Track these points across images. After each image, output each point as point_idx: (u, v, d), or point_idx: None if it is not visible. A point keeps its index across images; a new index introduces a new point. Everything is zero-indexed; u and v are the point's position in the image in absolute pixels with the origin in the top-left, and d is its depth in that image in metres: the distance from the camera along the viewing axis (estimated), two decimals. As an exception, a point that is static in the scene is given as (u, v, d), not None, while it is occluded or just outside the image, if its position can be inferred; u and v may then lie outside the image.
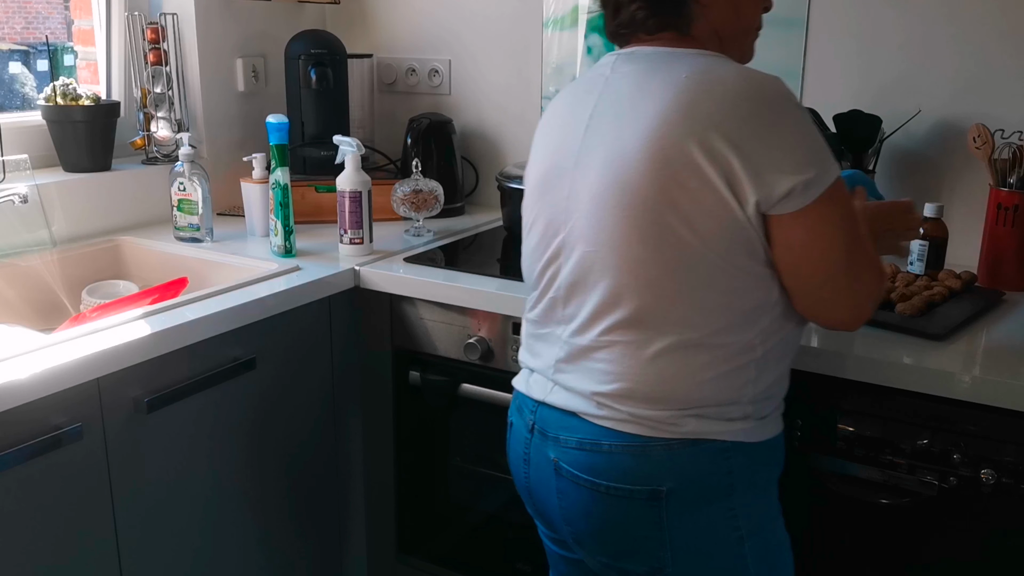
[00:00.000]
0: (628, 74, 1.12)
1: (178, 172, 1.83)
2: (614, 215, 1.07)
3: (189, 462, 1.46)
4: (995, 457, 1.20)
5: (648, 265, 1.06)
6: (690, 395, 1.08)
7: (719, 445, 1.09)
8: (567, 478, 1.15)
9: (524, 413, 1.23)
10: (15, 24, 2.49)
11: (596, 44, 2.01)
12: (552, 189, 1.16)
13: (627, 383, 1.09)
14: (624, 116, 1.08)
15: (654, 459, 1.09)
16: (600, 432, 1.11)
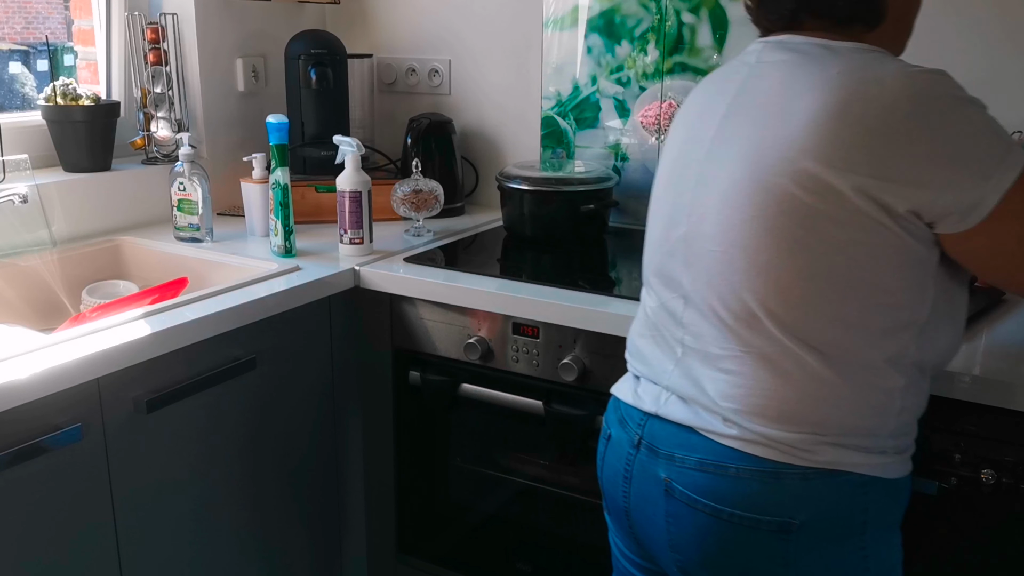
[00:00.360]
0: (775, 66, 1.04)
1: (178, 172, 1.83)
2: (746, 215, 0.99)
3: (189, 462, 1.46)
4: (995, 457, 1.20)
5: (780, 270, 0.98)
6: (829, 419, 0.99)
7: (858, 479, 1.00)
8: (681, 501, 1.05)
9: (629, 426, 1.13)
10: (15, 24, 2.49)
11: (596, 44, 2.01)
12: (679, 179, 1.10)
13: (759, 399, 1.00)
14: (767, 112, 1.01)
15: (787, 488, 1.00)
16: (725, 453, 1.01)
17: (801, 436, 0.99)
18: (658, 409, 1.09)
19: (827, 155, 0.94)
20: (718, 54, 1.89)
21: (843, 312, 0.98)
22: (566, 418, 1.53)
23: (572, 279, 1.60)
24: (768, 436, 1.00)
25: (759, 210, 0.98)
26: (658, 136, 1.99)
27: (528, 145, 2.15)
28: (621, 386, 1.19)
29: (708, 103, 1.10)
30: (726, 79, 1.10)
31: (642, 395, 1.12)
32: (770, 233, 0.98)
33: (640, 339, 1.16)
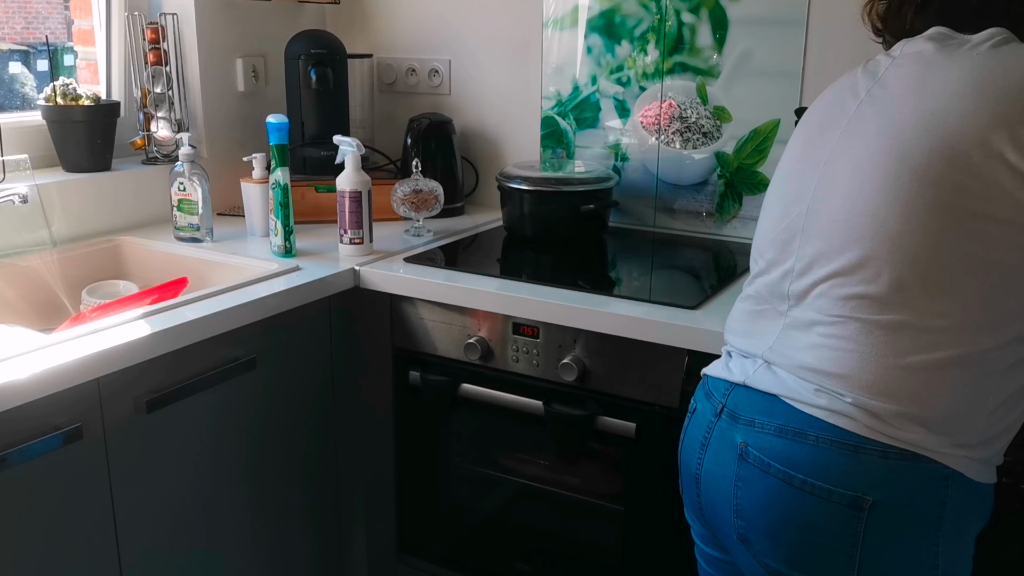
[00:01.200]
0: (914, 56, 1.06)
1: (178, 172, 1.83)
2: (878, 184, 1.00)
3: (189, 462, 1.46)
4: (995, 457, 1.20)
5: (909, 239, 0.97)
6: (921, 394, 0.97)
7: (940, 470, 0.98)
8: (754, 465, 1.05)
9: (714, 397, 1.14)
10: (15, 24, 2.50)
11: (596, 44, 2.01)
12: (808, 160, 1.11)
13: (857, 366, 0.99)
14: (906, 91, 1.03)
15: (864, 463, 0.98)
16: (808, 420, 1.01)
17: (890, 409, 0.97)
18: (746, 378, 1.09)
19: (967, 126, 0.95)
20: (718, 54, 1.89)
21: (966, 289, 0.96)
22: (566, 418, 1.53)
23: (572, 279, 1.60)
24: (856, 406, 0.98)
25: (893, 179, 0.99)
26: (658, 136, 1.99)
27: (528, 145, 2.15)
28: (712, 366, 1.19)
29: (843, 93, 1.12)
30: (863, 74, 1.12)
31: (732, 368, 1.13)
32: (903, 202, 0.97)
33: (741, 316, 1.17)
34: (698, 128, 1.95)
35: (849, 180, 1.04)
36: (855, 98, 1.10)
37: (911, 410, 0.97)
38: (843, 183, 1.04)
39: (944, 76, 1.01)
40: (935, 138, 0.97)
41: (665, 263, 1.86)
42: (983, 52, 1.01)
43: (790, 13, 1.81)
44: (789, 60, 1.83)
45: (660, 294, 1.56)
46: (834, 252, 1.03)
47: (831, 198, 1.05)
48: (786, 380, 1.05)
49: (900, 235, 0.98)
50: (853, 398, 0.99)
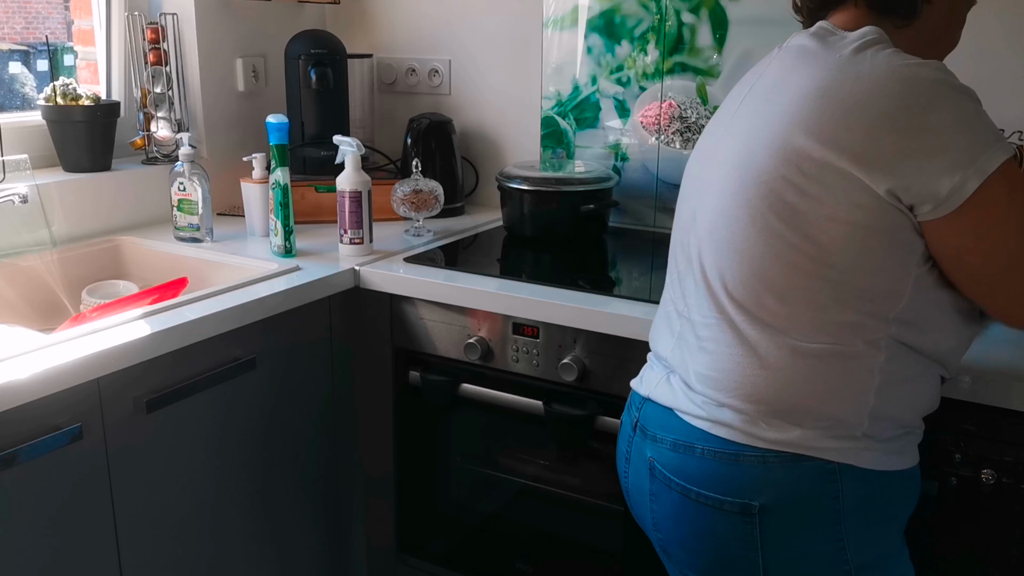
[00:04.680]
0: (790, 50, 1.08)
1: (178, 172, 1.83)
2: (733, 188, 1.03)
3: (189, 462, 1.46)
4: (995, 457, 1.20)
5: (754, 247, 1.00)
6: (794, 401, 0.99)
7: (824, 465, 0.98)
8: (660, 480, 1.08)
9: (631, 410, 1.18)
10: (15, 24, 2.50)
11: (596, 44, 2.01)
12: (697, 163, 1.15)
13: (728, 376, 1.01)
14: (768, 92, 1.05)
15: (746, 470, 1.00)
16: (693, 433, 1.04)
17: (761, 411, 1.00)
18: (650, 393, 1.13)
19: (811, 130, 0.96)
20: (718, 54, 1.89)
21: (816, 295, 0.97)
22: (566, 418, 1.53)
23: (572, 279, 1.60)
24: (732, 414, 1.01)
25: (741, 185, 1.01)
26: (658, 136, 1.99)
27: (528, 145, 2.15)
28: (635, 379, 1.22)
29: (738, 90, 1.14)
30: (756, 69, 1.14)
31: (644, 378, 1.17)
32: (747, 208, 1.00)
33: (653, 326, 1.21)
34: (698, 128, 1.95)
35: (719, 183, 1.06)
36: (741, 93, 1.11)
37: (781, 411, 0.99)
38: (715, 187, 1.07)
39: (799, 79, 1.01)
40: (774, 146, 0.99)
41: (665, 263, 1.86)
42: (844, 56, 0.99)
43: (790, 13, 1.81)
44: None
45: (660, 294, 1.56)
46: (705, 257, 1.06)
47: (707, 199, 1.08)
48: (678, 392, 1.08)
49: (746, 243, 1.00)
50: (728, 405, 1.01)
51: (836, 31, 1.05)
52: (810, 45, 1.05)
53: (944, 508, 1.25)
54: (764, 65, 1.12)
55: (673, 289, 1.16)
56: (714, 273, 1.05)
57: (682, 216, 1.16)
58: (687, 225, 1.13)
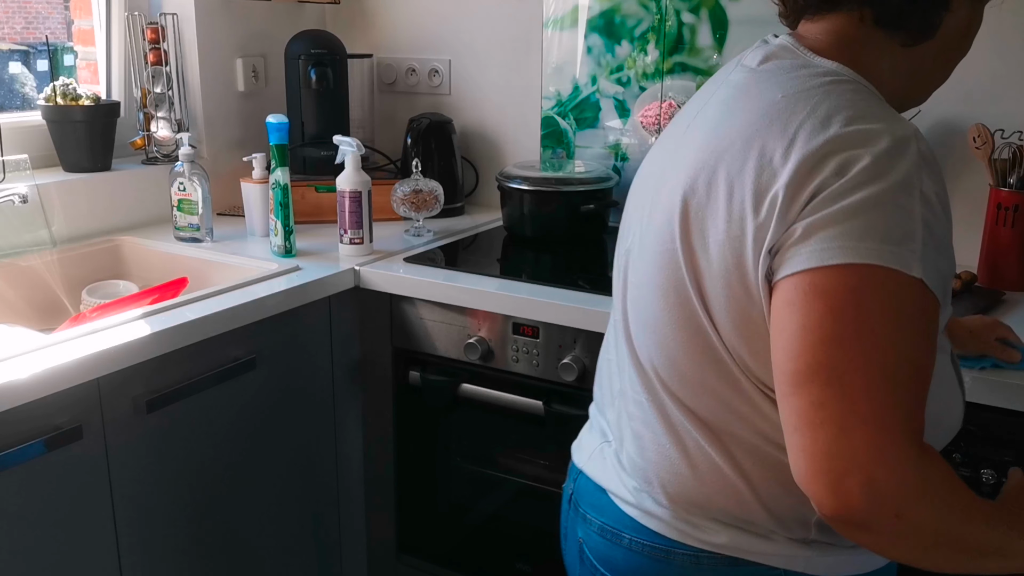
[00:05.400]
0: (742, 76, 0.89)
1: (178, 172, 1.83)
2: (652, 247, 0.87)
3: (189, 462, 1.46)
4: (995, 457, 1.20)
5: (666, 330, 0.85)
6: (726, 499, 0.84)
7: (767, 572, 0.85)
8: (588, 566, 0.97)
9: (569, 479, 1.05)
10: (15, 24, 2.50)
11: (596, 44, 2.01)
12: (641, 188, 0.97)
13: (657, 467, 0.88)
14: (708, 129, 0.87)
15: (676, 568, 0.88)
16: (623, 520, 0.92)
17: (695, 516, 0.87)
18: (583, 464, 1.00)
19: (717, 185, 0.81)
20: (718, 54, 1.89)
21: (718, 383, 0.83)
22: (566, 418, 1.53)
23: (572, 279, 1.60)
24: (664, 508, 0.88)
25: (660, 246, 0.85)
26: (658, 136, 1.99)
27: (528, 145, 2.15)
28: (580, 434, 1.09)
29: (692, 103, 0.96)
30: (715, 79, 0.95)
31: (581, 444, 1.04)
32: (655, 285, 0.86)
33: (602, 362, 1.04)
34: (698, 128, 1.95)
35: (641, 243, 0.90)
36: (687, 120, 0.93)
37: (713, 511, 0.86)
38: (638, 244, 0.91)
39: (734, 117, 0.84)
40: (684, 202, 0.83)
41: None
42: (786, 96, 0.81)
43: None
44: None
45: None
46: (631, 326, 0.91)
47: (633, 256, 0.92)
48: (610, 469, 0.95)
49: (658, 323, 0.86)
50: (656, 497, 0.88)
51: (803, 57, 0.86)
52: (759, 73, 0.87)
53: (944, 508, 1.25)
54: (715, 85, 0.93)
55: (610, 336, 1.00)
56: (639, 350, 0.90)
57: (618, 254, 0.98)
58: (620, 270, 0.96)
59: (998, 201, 1.57)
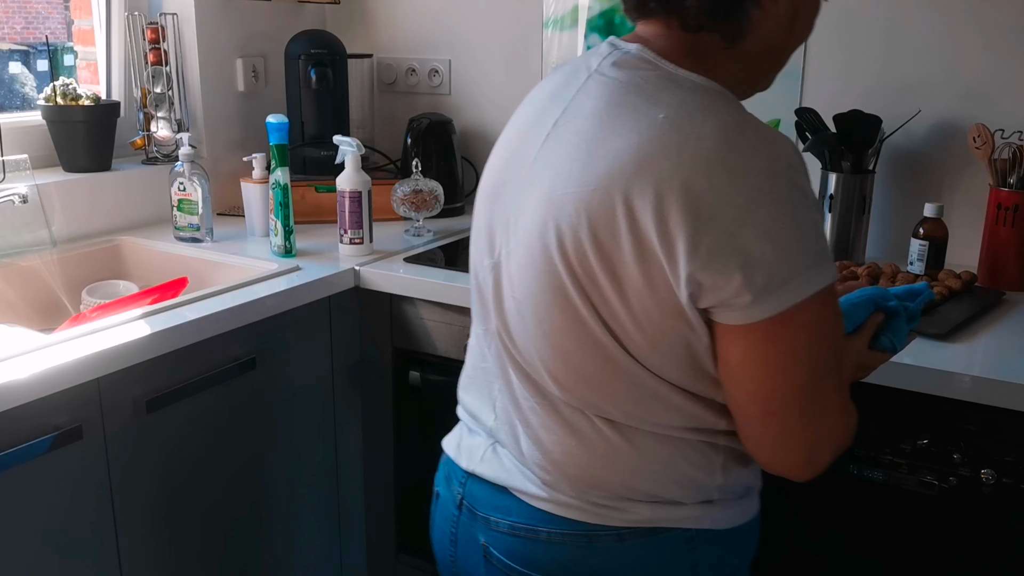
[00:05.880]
0: (605, 84, 0.87)
1: (178, 172, 1.83)
2: (538, 268, 0.87)
3: (189, 462, 1.46)
4: (995, 457, 1.20)
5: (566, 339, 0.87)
6: (649, 481, 0.90)
7: (682, 534, 0.91)
8: (499, 568, 0.97)
9: (452, 484, 1.03)
10: (15, 24, 2.49)
11: (596, 44, 2.01)
12: (501, 195, 0.94)
13: (566, 461, 0.91)
14: (579, 146, 0.86)
15: (600, 551, 0.91)
16: (537, 516, 0.93)
17: (613, 500, 0.91)
18: (474, 467, 1.00)
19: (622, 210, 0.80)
20: (718, 54, 1.89)
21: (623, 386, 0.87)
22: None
23: (572, 279, 1.60)
24: (580, 497, 0.91)
25: (549, 266, 0.85)
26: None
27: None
28: (450, 438, 1.08)
29: (543, 111, 0.93)
30: (564, 84, 0.93)
31: (463, 448, 1.03)
32: (555, 295, 0.86)
33: (465, 376, 1.04)
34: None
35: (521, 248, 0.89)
36: (543, 128, 0.91)
37: (630, 492, 0.91)
38: (517, 251, 0.90)
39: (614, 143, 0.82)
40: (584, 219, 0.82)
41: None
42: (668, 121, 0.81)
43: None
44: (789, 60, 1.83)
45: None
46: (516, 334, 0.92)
47: (510, 264, 0.91)
48: (511, 469, 0.96)
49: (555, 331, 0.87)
50: (570, 491, 0.91)
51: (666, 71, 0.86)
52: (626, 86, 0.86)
53: (944, 508, 1.25)
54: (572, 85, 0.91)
55: (478, 347, 1.00)
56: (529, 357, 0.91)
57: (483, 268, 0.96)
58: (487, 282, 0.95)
59: (998, 201, 1.57)
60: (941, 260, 1.60)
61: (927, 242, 1.59)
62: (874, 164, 1.72)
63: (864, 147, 1.70)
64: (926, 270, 1.59)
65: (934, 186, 1.75)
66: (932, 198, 1.70)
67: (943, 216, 1.60)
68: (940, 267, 1.60)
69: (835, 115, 1.70)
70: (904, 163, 1.77)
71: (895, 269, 1.57)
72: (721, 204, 0.77)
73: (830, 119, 1.71)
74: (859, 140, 1.69)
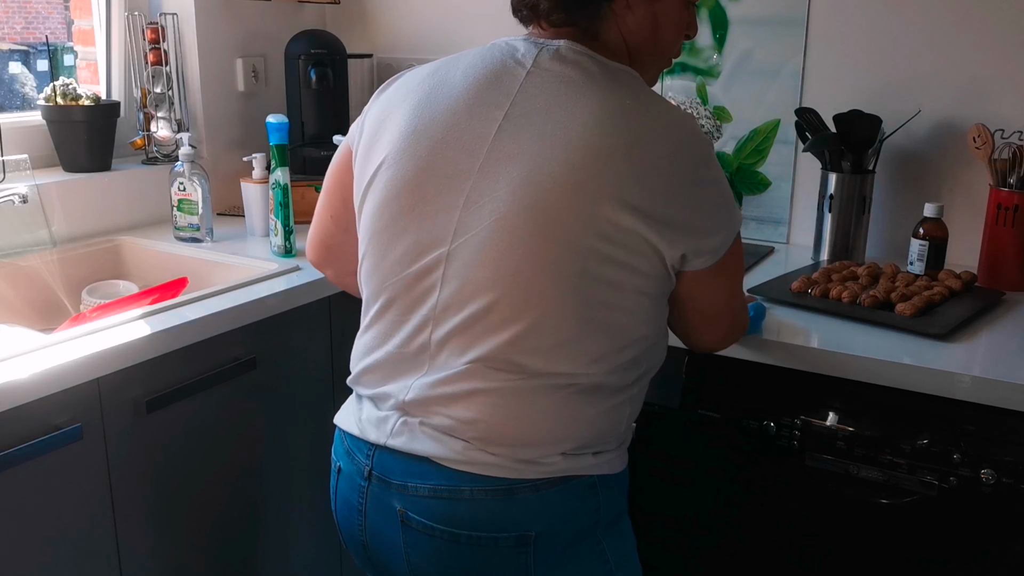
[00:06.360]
0: (556, 77, 1.00)
1: (178, 172, 1.83)
2: (530, 244, 0.95)
3: (189, 462, 1.46)
4: (995, 457, 1.20)
5: (547, 314, 0.96)
6: (568, 436, 1.01)
7: (587, 481, 1.03)
8: (418, 530, 1.03)
9: (357, 458, 1.09)
10: (15, 24, 2.49)
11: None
12: (441, 188, 1.01)
13: (498, 424, 0.99)
14: (550, 136, 0.96)
15: (520, 502, 1.00)
16: (459, 477, 1.00)
17: (537, 453, 1.00)
18: (386, 440, 1.05)
19: (609, 194, 0.94)
20: (718, 54, 1.89)
21: (596, 350, 1.00)
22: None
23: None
24: (504, 457, 0.99)
25: (541, 241, 0.95)
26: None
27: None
28: (344, 415, 1.14)
29: (475, 103, 1.02)
30: (496, 77, 1.02)
31: (366, 424, 1.08)
32: (551, 268, 0.96)
33: (372, 357, 1.09)
34: (698, 128, 1.95)
35: (495, 232, 0.97)
36: (490, 119, 1.00)
37: (554, 451, 1.01)
38: (488, 231, 0.97)
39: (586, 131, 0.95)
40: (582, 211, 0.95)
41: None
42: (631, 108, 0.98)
43: (790, 13, 1.81)
44: (789, 60, 1.83)
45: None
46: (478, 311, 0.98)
47: (479, 247, 0.98)
48: (426, 439, 1.02)
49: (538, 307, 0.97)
50: (497, 452, 0.99)
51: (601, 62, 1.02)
52: (576, 78, 0.99)
53: (944, 508, 1.25)
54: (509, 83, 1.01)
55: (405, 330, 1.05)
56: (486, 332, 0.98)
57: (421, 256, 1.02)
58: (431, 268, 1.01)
59: (998, 201, 1.57)
60: (941, 260, 1.60)
61: (927, 242, 1.59)
62: (874, 164, 1.72)
63: (864, 147, 1.70)
64: (926, 270, 1.59)
65: (934, 186, 1.75)
66: (932, 198, 1.70)
67: (943, 216, 1.60)
68: (940, 267, 1.60)
69: (835, 115, 1.70)
70: (904, 163, 1.77)
71: (895, 269, 1.57)
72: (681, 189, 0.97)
73: (830, 119, 1.71)
74: (859, 140, 1.69)
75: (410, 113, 1.05)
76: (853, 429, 1.30)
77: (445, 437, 1.01)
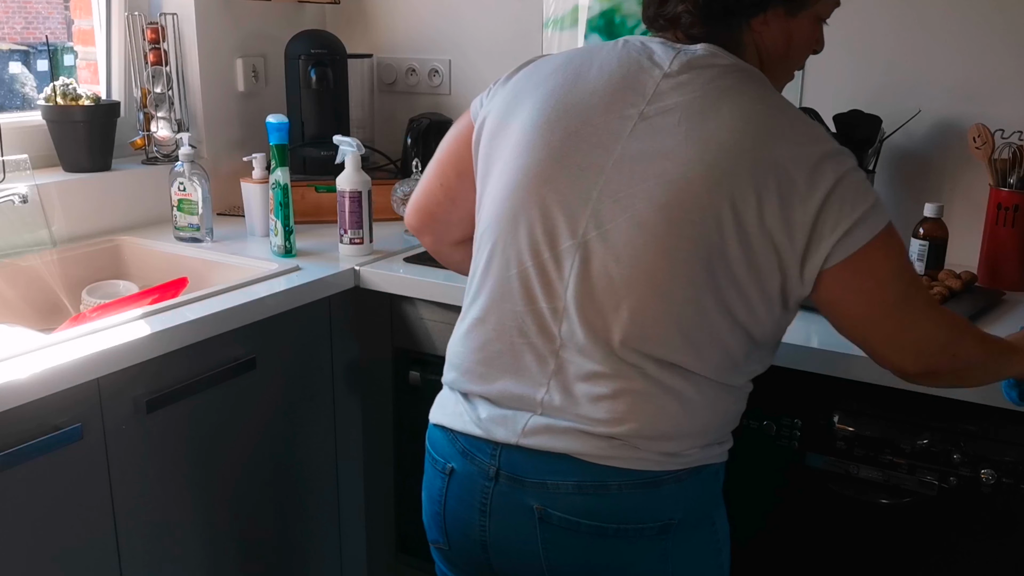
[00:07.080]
0: (686, 83, 1.01)
1: (178, 172, 1.83)
2: (665, 243, 0.97)
3: (189, 462, 1.46)
4: (995, 457, 1.21)
5: (685, 309, 0.98)
6: (707, 431, 1.05)
7: (713, 468, 1.08)
8: (560, 526, 1.03)
9: (477, 458, 1.07)
10: (15, 24, 2.49)
11: (597, 43, 2.01)
12: (574, 180, 1.01)
13: (645, 422, 1.00)
14: (693, 136, 0.98)
15: (664, 493, 1.03)
16: (605, 473, 1.01)
17: (680, 447, 1.03)
18: (517, 439, 1.04)
19: (742, 195, 0.95)
20: (718, 54, 1.89)
21: (727, 348, 1.02)
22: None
23: (572, 279, 1.60)
24: (649, 451, 1.01)
25: (680, 241, 0.97)
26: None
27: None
28: (450, 414, 1.12)
29: (609, 97, 1.03)
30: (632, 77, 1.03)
31: (489, 424, 1.06)
32: (686, 266, 0.97)
33: (474, 348, 1.08)
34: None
35: (634, 226, 0.98)
36: (625, 116, 1.01)
37: (691, 442, 1.04)
38: (624, 229, 0.99)
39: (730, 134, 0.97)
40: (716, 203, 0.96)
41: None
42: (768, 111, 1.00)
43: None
44: (789, 60, 1.83)
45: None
46: (616, 304, 0.99)
47: (611, 244, 0.99)
48: (571, 436, 1.02)
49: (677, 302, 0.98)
50: (643, 446, 1.01)
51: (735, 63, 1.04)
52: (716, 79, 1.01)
53: (944, 508, 1.25)
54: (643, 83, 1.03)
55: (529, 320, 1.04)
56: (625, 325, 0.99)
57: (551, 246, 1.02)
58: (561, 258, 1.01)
59: (998, 201, 1.57)
60: (941, 260, 1.60)
61: (927, 242, 1.59)
62: (874, 164, 1.72)
63: (864, 147, 1.70)
64: (926, 270, 1.59)
65: (934, 186, 1.75)
66: (932, 198, 1.70)
67: (943, 216, 1.60)
68: (940, 267, 1.60)
69: (835, 115, 1.70)
70: (904, 163, 1.77)
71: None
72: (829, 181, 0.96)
73: (830, 119, 1.71)
74: (859, 140, 1.69)
75: (543, 102, 1.06)
76: (853, 429, 1.30)
77: (586, 435, 1.01)
